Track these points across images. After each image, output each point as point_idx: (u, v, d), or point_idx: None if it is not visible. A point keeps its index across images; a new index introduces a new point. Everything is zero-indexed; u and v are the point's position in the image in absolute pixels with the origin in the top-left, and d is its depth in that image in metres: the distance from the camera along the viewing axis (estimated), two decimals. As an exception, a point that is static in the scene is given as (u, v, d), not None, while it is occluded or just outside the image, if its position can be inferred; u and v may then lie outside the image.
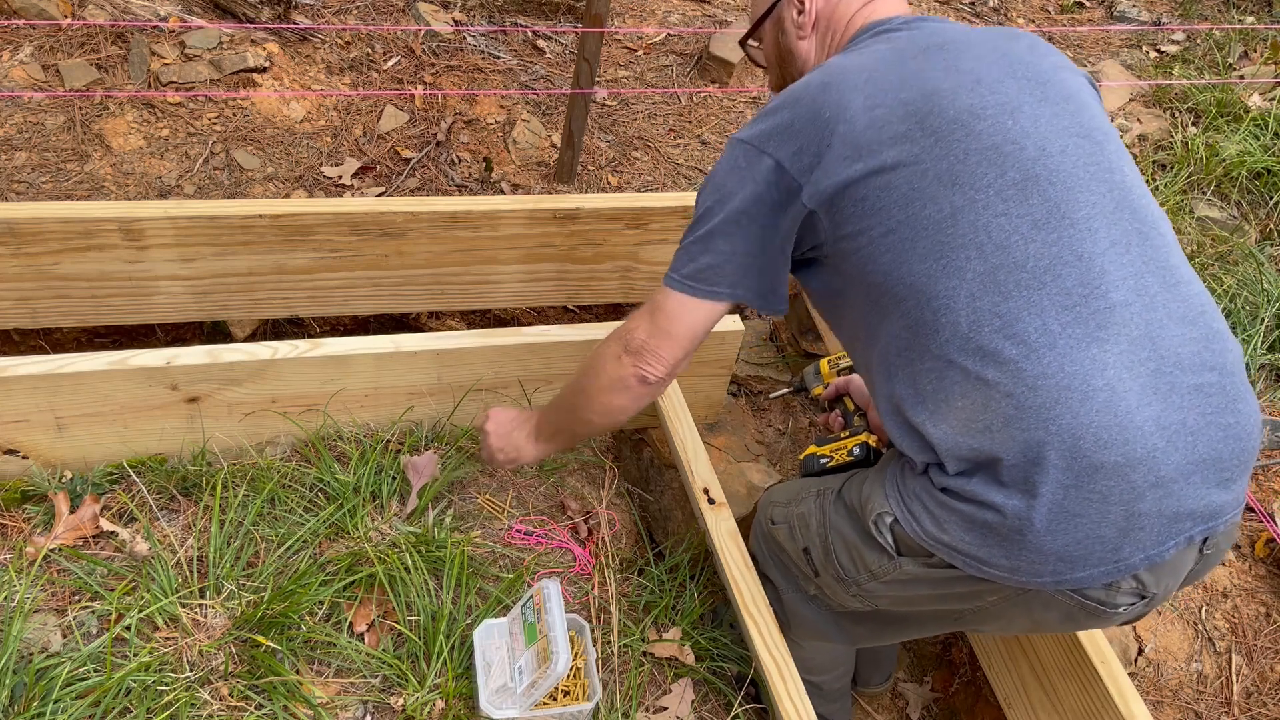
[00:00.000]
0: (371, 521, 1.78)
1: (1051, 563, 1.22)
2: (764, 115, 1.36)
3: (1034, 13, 4.21)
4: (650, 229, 2.34)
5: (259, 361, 1.78)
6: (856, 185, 1.28)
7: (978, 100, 1.28)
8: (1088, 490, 1.18)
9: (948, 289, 1.24)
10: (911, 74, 1.31)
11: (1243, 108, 3.56)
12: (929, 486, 1.30)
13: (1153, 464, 1.18)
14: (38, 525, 1.71)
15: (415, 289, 2.30)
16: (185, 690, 1.49)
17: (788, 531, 1.58)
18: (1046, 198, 1.24)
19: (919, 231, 1.25)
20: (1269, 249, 3.10)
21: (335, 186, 2.62)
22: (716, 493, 1.80)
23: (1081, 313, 1.21)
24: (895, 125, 1.27)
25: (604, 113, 3.13)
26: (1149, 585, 1.26)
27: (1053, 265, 1.22)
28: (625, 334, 1.48)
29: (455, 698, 1.58)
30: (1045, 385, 1.19)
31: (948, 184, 1.25)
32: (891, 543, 1.36)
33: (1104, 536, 1.20)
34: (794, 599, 1.66)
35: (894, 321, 1.30)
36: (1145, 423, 1.19)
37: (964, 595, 1.37)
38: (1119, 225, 1.26)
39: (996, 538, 1.23)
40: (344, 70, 2.93)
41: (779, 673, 1.57)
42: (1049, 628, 1.43)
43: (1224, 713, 2.02)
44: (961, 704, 2.12)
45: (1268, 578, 2.23)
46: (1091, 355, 1.19)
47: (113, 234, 1.97)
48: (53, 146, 2.48)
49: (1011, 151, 1.25)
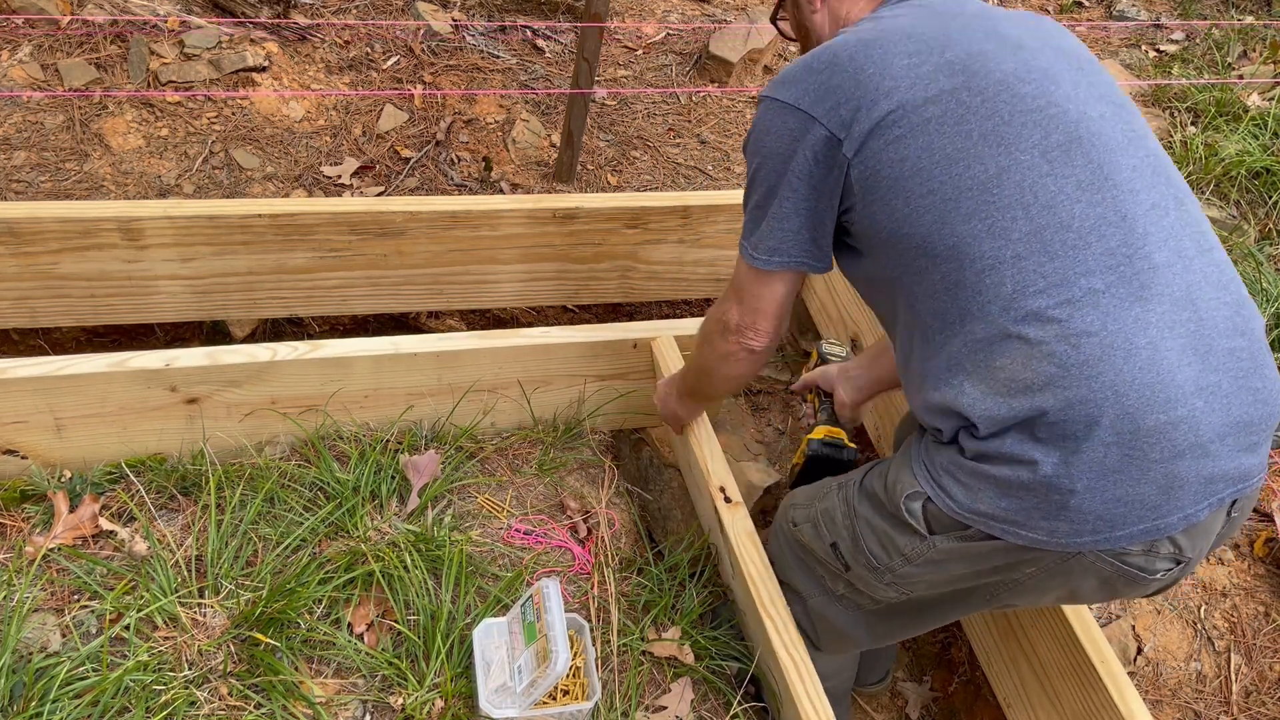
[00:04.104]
0: (371, 521, 1.78)
1: (1091, 522, 1.21)
2: (802, 73, 1.35)
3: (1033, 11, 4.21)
4: (649, 228, 2.34)
5: (258, 363, 1.78)
6: (897, 125, 1.27)
7: (1020, 65, 1.29)
8: (1129, 448, 1.18)
9: (993, 249, 1.23)
10: (956, 33, 1.31)
11: (1242, 107, 3.56)
12: (957, 457, 1.30)
13: (1193, 424, 1.19)
14: (37, 525, 1.71)
15: (415, 288, 2.30)
16: (184, 689, 1.49)
17: (812, 530, 1.57)
18: (1090, 159, 1.25)
19: (962, 191, 1.25)
20: (1268, 248, 3.10)
21: (334, 186, 2.62)
22: (733, 491, 1.79)
23: (1125, 272, 1.21)
24: (941, 80, 1.27)
25: (603, 112, 3.13)
26: (1185, 549, 1.27)
27: (1097, 225, 1.22)
28: (722, 314, 1.53)
29: (454, 697, 1.58)
30: (1089, 343, 1.19)
31: (993, 144, 1.25)
32: (923, 522, 1.35)
33: (1144, 496, 1.20)
34: (821, 603, 1.63)
35: (931, 283, 1.29)
36: (1186, 383, 1.19)
37: (1000, 568, 1.36)
38: (1157, 189, 1.27)
39: (1034, 498, 1.23)
40: (343, 70, 2.93)
41: (797, 672, 1.56)
42: (1085, 597, 1.42)
43: (1223, 712, 2.02)
44: (961, 703, 2.12)
45: (1267, 577, 2.24)
46: (1135, 314, 1.20)
47: (112, 233, 1.97)
48: (52, 146, 2.48)
49: (1056, 114, 1.26)
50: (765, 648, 1.64)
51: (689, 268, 2.47)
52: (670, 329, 2.05)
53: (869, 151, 1.29)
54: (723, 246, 2.45)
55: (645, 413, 2.20)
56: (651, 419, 2.23)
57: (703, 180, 2.98)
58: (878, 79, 1.28)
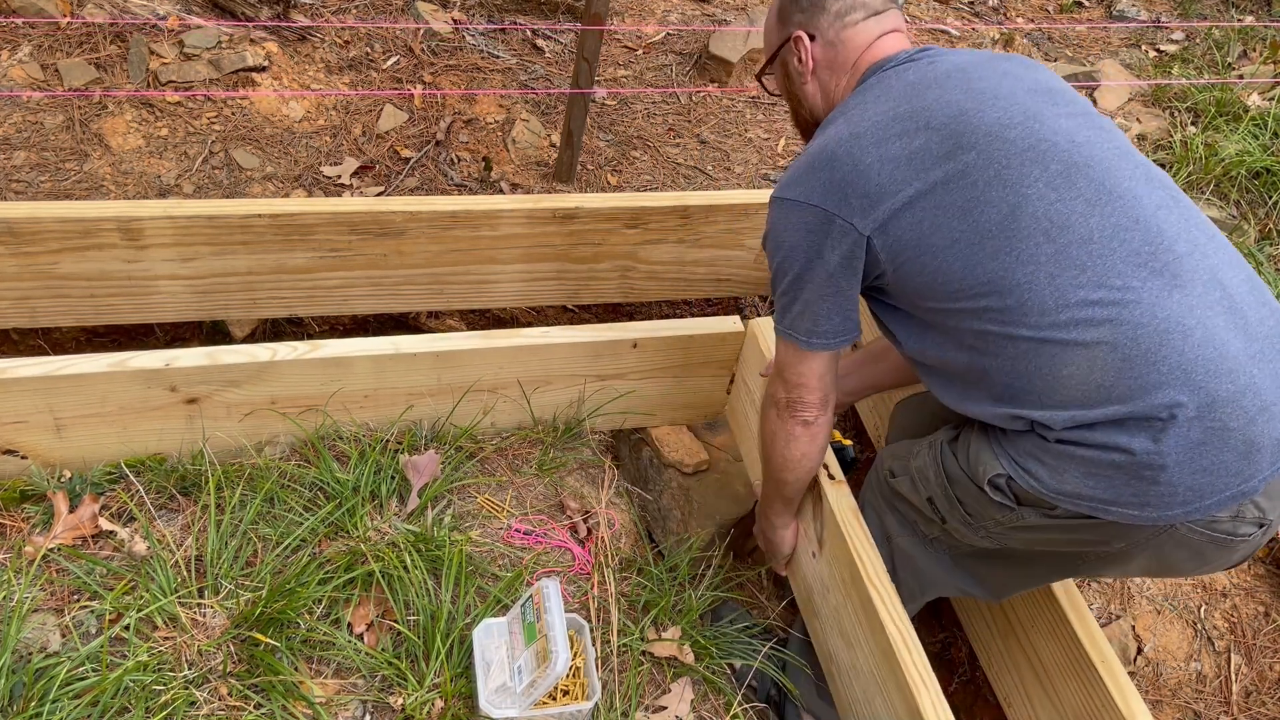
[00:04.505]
0: (371, 521, 1.78)
1: (1182, 494, 1.29)
2: (806, 172, 1.45)
3: (1034, 12, 4.21)
4: (649, 228, 2.34)
5: (258, 363, 1.78)
6: (912, 208, 1.37)
7: (1002, 113, 1.38)
8: (1210, 420, 1.27)
9: (1027, 275, 1.32)
10: (935, 102, 1.41)
11: (1242, 107, 3.56)
12: (1040, 441, 1.37)
13: (1256, 390, 1.28)
14: (37, 525, 1.71)
15: (414, 288, 2.30)
16: (184, 689, 1.49)
17: (909, 484, 1.64)
18: (1090, 179, 1.35)
19: (983, 235, 1.34)
20: (1268, 248, 3.10)
21: (334, 186, 2.62)
22: (835, 469, 1.83)
23: (1155, 266, 1.31)
24: (934, 150, 1.37)
25: (603, 112, 3.13)
26: (1267, 511, 1.34)
27: (1116, 232, 1.32)
28: (771, 399, 1.64)
29: (454, 697, 1.58)
30: (1145, 333, 1.28)
31: (998, 187, 1.34)
32: (1010, 496, 1.43)
33: (1228, 463, 1.28)
34: (908, 543, 1.70)
35: (980, 320, 1.37)
36: (1239, 354, 1.29)
37: (1091, 541, 1.43)
38: (1156, 192, 1.38)
39: (1125, 477, 1.30)
40: (343, 69, 2.93)
41: (905, 645, 1.58)
42: (1176, 568, 1.49)
43: (1223, 712, 2.02)
44: (960, 703, 2.12)
45: (1267, 577, 2.24)
46: (1176, 300, 1.29)
47: (112, 233, 1.97)
48: (52, 146, 2.48)
49: (1047, 149, 1.36)
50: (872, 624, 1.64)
51: (689, 268, 2.47)
52: (671, 328, 2.05)
53: (889, 233, 1.39)
54: (722, 246, 2.45)
55: (645, 413, 2.20)
56: (651, 419, 2.23)
57: (703, 180, 2.98)
58: (878, 166, 1.38)
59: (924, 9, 4.03)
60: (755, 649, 1.86)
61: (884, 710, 1.64)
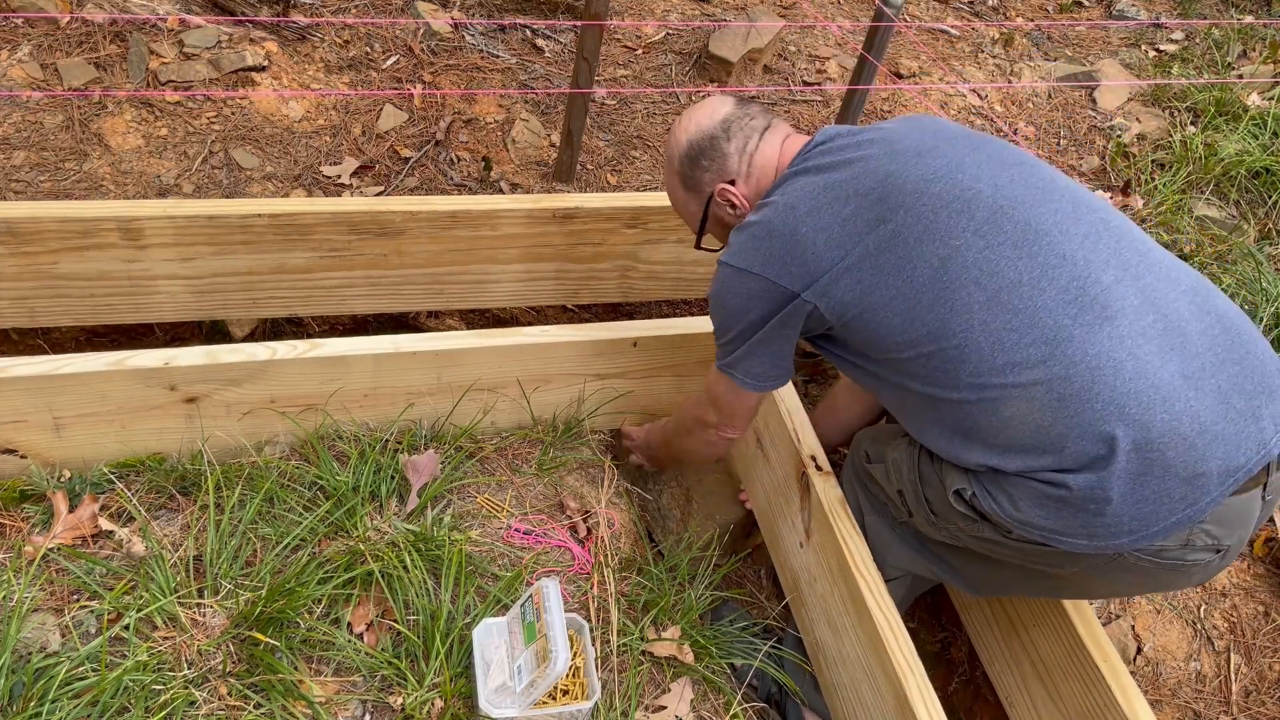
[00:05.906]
0: (370, 520, 1.78)
1: (1127, 524, 1.32)
2: (749, 244, 1.54)
3: (1033, 11, 4.21)
4: (649, 228, 2.34)
5: (258, 362, 1.78)
6: (850, 273, 1.44)
7: (926, 169, 1.44)
8: (1147, 451, 1.29)
9: (962, 323, 1.37)
10: (860, 172, 1.48)
11: (1241, 107, 3.56)
12: (995, 474, 1.41)
13: (1194, 415, 1.30)
14: (36, 524, 1.70)
15: (414, 288, 2.30)
16: (183, 689, 1.49)
17: (884, 472, 1.68)
18: (1016, 221, 1.39)
19: (919, 289, 1.40)
20: (1268, 248, 3.10)
21: (334, 186, 2.62)
22: (823, 461, 1.85)
23: (1084, 302, 1.34)
24: (865, 215, 1.43)
25: (603, 112, 3.13)
26: (1222, 538, 1.36)
27: (1045, 271, 1.36)
28: (700, 413, 1.78)
29: (454, 697, 1.58)
30: (1076, 372, 1.32)
31: (929, 241, 1.40)
32: (973, 510, 1.46)
33: (1170, 490, 1.31)
34: (878, 522, 1.76)
35: (922, 366, 1.43)
36: (1173, 379, 1.31)
37: (1044, 561, 1.47)
38: (1083, 221, 1.41)
39: (1072, 510, 1.33)
40: (343, 69, 2.93)
41: (891, 632, 1.60)
42: (1133, 592, 1.55)
43: (1223, 711, 2.02)
44: (960, 702, 2.12)
45: (1266, 577, 2.24)
46: (1107, 334, 1.32)
47: (111, 233, 1.97)
48: (51, 145, 2.47)
49: (971, 197, 1.41)
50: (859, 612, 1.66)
51: (689, 267, 2.47)
52: (671, 327, 2.05)
53: (831, 296, 1.46)
54: (722, 246, 2.45)
55: (645, 413, 2.20)
56: (651, 419, 2.23)
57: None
58: (813, 235, 1.46)
59: (924, 9, 4.03)
60: (755, 648, 1.86)
61: (871, 697, 1.65)
